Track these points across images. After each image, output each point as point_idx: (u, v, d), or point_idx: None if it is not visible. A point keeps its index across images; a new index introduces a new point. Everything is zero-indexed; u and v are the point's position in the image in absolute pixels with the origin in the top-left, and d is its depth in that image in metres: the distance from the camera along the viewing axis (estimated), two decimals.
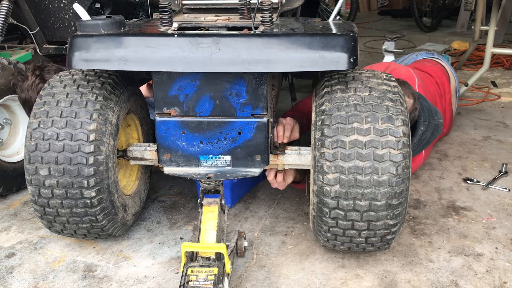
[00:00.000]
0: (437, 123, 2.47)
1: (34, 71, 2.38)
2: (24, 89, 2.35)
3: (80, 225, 1.86)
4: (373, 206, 1.64)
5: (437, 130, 2.48)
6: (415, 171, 2.60)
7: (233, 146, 1.84)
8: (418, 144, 2.44)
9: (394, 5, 8.21)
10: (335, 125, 1.66)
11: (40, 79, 2.34)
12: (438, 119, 2.47)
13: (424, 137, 2.44)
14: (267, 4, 1.80)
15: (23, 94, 2.36)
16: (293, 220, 2.24)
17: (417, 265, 1.92)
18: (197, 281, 1.56)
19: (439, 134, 2.56)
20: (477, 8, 4.07)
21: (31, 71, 2.38)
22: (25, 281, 1.89)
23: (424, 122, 2.42)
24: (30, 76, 2.36)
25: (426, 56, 3.18)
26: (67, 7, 3.09)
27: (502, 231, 2.13)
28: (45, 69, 2.39)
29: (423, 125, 2.42)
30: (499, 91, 3.99)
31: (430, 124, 2.43)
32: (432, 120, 2.44)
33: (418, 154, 2.51)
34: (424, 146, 2.50)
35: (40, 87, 2.30)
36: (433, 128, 2.45)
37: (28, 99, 2.35)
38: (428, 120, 2.43)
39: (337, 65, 1.63)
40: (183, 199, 2.45)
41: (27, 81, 2.35)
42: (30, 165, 1.77)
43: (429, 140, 2.50)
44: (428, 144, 2.54)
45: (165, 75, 1.78)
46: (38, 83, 2.33)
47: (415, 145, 2.43)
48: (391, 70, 2.66)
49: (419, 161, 2.56)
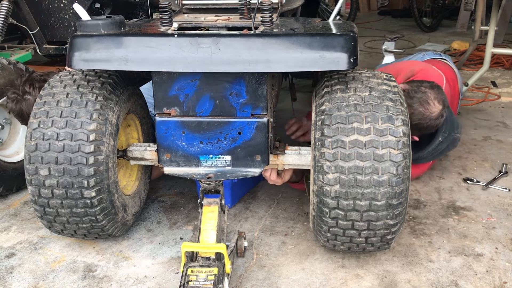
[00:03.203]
0: (456, 137, 2.42)
1: (33, 85, 2.23)
2: (31, 106, 2.15)
3: (80, 225, 1.86)
4: (373, 206, 1.64)
5: (453, 144, 2.45)
6: (418, 176, 2.59)
7: (233, 146, 1.84)
8: (432, 153, 2.41)
9: (394, 5, 8.21)
10: (335, 125, 1.66)
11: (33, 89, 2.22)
12: (457, 133, 2.42)
13: (440, 148, 2.40)
14: (267, 4, 1.80)
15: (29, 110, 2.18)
16: (293, 220, 2.24)
17: (417, 265, 1.92)
18: (197, 281, 1.56)
19: (454, 148, 2.52)
20: (477, 8, 4.07)
21: (30, 86, 2.23)
22: (25, 281, 1.89)
23: (443, 133, 2.37)
24: (32, 92, 2.22)
25: (434, 56, 3.11)
26: (67, 7, 3.09)
27: (502, 231, 2.13)
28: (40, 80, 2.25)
29: (442, 136, 2.37)
30: (499, 91, 3.99)
31: (449, 137, 2.39)
32: (452, 133, 2.40)
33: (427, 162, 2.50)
34: (436, 156, 2.47)
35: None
36: (450, 142, 2.41)
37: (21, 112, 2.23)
38: (448, 132, 2.38)
39: (337, 65, 1.63)
40: (183, 199, 2.45)
41: (30, 97, 2.21)
42: (30, 165, 1.77)
43: (443, 152, 2.46)
44: (441, 155, 2.51)
45: (165, 75, 1.78)
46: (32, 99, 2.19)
47: (429, 154, 2.40)
48: (421, 69, 2.59)
49: (424, 169, 2.55)
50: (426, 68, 2.64)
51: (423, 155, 2.41)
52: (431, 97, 2.24)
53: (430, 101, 2.23)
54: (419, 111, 2.23)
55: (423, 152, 2.39)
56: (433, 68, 2.70)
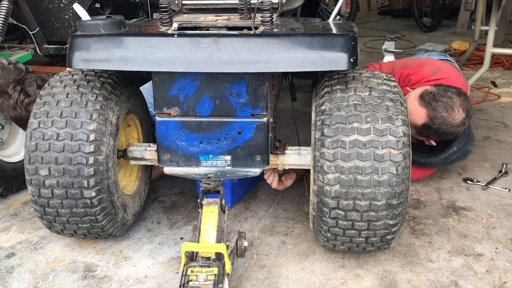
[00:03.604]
0: (468, 150, 2.41)
1: (14, 87, 2.26)
2: (11, 108, 2.25)
3: (80, 225, 1.86)
4: (373, 206, 1.64)
5: (465, 155, 2.43)
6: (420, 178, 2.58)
7: (233, 146, 1.84)
8: (444, 161, 2.40)
9: (394, 5, 8.21)
10: (335, 125, 1.66)
11: (24, 94, 2.24)
12: (471, 146, 2.41)
13: (452, 157, 2.39)
14: (267, 4, 1.80)
15: (12, 113, 2.26)
16: (293, 220, 2.24)
17: (417, 265, 1.92)
18: (197, 281, 1.56)
19: (465, 159, 2.51)
20: (477, 8, 4.07)
21: (12, 88, 2.26)
22: (25, 281, 1.89)
23: (459, 144, 2.36)
24: (12, 94, 2.25)
25: (439, 57, 3.03)
26: (67, 7, 3.09)
27: (502, 231, 2.13)
28: (25, 82, 2.28)
29: (457, 146, 2.35)
30: (499, 91, 3.99)
31: (463, 148, 2.38)
32: (466, 144, 2.38)
33: None
34: (447, 164, 2.47)
35: (26, 102, 2.22)
36: (463, 153, 2.40)
37: (18, 117, 2.27)
38: (463, 143, 2.37)
39: (337, 65, 1.63)
40: (183, 199, 2.45)
41: (10, 100, 2.24)
42: (30, 165, 1.77)
43: (453, 162, 2.45)
44: (451, 164, 2.50)
45: (165, 75, 1.78)
46: (23, 99, 2.23)
47: (441, 161, 2.39)
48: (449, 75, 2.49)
49: (429, 173, 2.55)
50: (455, 75, 2.57)
51: (435, 161, 2.40)
52: (456, 104, 2.21)
53: (455, 108, 2.21)
54: (442, 115, 2.21)
55: (435, 158, 2.38)
56: (462, 76, 2.64)
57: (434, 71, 2.51)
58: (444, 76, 2.48)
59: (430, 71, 2.52)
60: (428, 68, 2.54)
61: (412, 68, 2.57)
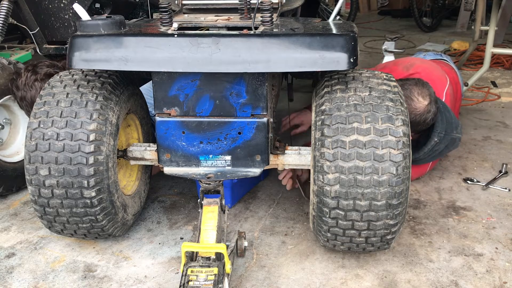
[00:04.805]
0: (455, 137, 2.39)
1: (27, 68, 2.41)
2: (20, 87, 2.35)
3: (80, 225, 1.86)
4: (373, 206, 1.64)
5: (453, 144, 2.42)
6: (419, 177, 2.58)
7: (233, 146, 1.84)
8: (429, 154, 2.39)
9: (394, 5, 8.20)
10: (335, 125, 1.66)
11: (33, 73, 2.35)
12: (457, 133, 2.40)
13: (437, 148, 2.38)
14: (267, 4, 1.80)
15: (19, 92, 2.36)
16: (293, 220, 2.24)
17: (417, 265, 1.92)
18: (197, 281, 1.56)
19: (455, 148, 2.50)
20: (477, 8, 4.06)
21: (24, 69, 2.40)
22: (25, 281, 1.89)
23: (439, 134, 2.35)
24: (24, 73, 2.37)
25: (435, 57, 3.08)
26: (67, 7, 3.08)
27: (502, 231, 2.13)
28: (38, 64, 2.42)
29: (438, 137, 2.34)
30: (499, 91, 3.99)
31: (446, 137, 2.36)
32: (450, 133, 2.37)
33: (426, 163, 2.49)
34: (435, 157, 2.46)
35: (33, 79, 2.33)
36: (449, 142, 2.38)
37: (24, 96, 2.35)
38: (444, 132, 2.36)
39: (337, 65, 1.63)
40: (183, 199, 2.45)
41: (20, 78, 2.36)
42: (30, 165, 1.77)
43: (442, 152, 2.44)
44: (440, 156, 2.49)
45: (165, 75, 1.78)
46: (32, 79, 2.35)
47: (426, 154, 2.39)
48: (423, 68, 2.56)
49: (425, 169, 2.54)
50: (429, 68, 2.61)
51: (419, 156, 2.40)
52: (414, 93, 2.26)
53: (413, 97, 2.25)
54: None
55: (420, 152, 2.38)
56: (438, 68, 2.67)
57: (407, 67, 2.58)
58: (417, 71, 2.54)
59: (404, 68, 2.59)
60: (401, 66, 2.61)
61: (389, 68, 2.66)
